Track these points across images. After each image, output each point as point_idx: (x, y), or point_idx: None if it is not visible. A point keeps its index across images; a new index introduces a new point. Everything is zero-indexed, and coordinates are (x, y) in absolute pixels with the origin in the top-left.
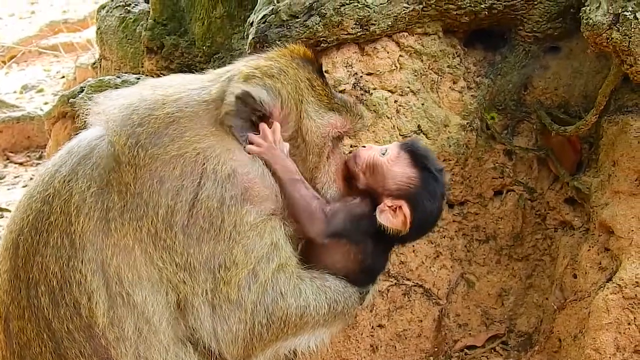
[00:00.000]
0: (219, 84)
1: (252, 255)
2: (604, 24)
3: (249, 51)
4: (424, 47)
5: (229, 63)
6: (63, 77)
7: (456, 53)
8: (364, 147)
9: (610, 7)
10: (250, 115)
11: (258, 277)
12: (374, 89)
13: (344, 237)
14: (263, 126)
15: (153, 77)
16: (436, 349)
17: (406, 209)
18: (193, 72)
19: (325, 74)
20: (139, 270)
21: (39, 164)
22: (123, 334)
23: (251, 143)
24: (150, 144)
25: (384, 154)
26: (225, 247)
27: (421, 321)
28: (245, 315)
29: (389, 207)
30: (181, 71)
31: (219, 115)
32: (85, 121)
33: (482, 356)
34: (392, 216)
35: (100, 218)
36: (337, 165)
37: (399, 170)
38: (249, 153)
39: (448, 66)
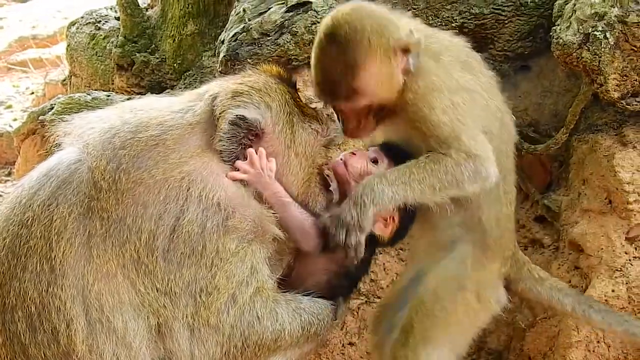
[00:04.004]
0: (202, 103)
1: (233, 280)
2: (574, 43)
3: (220, 69)
4: None
5: (199, 80)
6: (32, 93)
7: None
8: (353, 153)
9: (580, 27)
10: (242, 138)
11: (237, 301)
12: None
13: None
14: (250, 152)
15: (124, 94)
16: None
17: (397, 220)
18: (164, 89)
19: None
20: (120, 295)
21: (8, 180)
22: None
23: (237, 169)
24: (133, 167)
25: (375, 164)
26: (207, 272)
27: None
28: (223, 338)
29: (382, 218)
30: (152, 88)
31: (206, 137)
32: (59, 141)
33: None
34: (384, 225)
35: (82, 244)
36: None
37: None
38: (233, 179)
39: None
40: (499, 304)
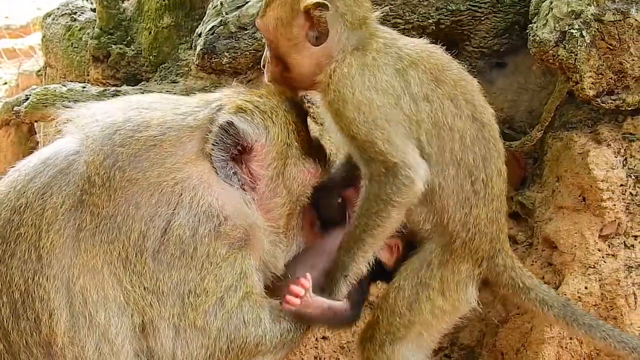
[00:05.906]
0: (207, 111)
1: (222, 284)
2: (551, 41)
3: (197, 62)
4: None
5: (175, 73)
6: (5, 83)
7: None
8: None
9: (557, 25)
10: (231, 147)
11: (225, 305)
12: None
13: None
14: (300, 281)
15: (99, 85)
16: None
17: (401, 248)
18: (139, 82)
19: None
20: (105, 291)
21: None
22: (83, 353)
23: (287, 302)
24: (129, 166)
25: None
26: (196, 275)
27: None
28: (208, 341)
29: (387, 245)
30: (127, 80)
31: (203, 143)
32: (60, 128)
33: None
34: (389, 253)
35: (70, 236)
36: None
37: None
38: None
39: None
40: (468, 305)
